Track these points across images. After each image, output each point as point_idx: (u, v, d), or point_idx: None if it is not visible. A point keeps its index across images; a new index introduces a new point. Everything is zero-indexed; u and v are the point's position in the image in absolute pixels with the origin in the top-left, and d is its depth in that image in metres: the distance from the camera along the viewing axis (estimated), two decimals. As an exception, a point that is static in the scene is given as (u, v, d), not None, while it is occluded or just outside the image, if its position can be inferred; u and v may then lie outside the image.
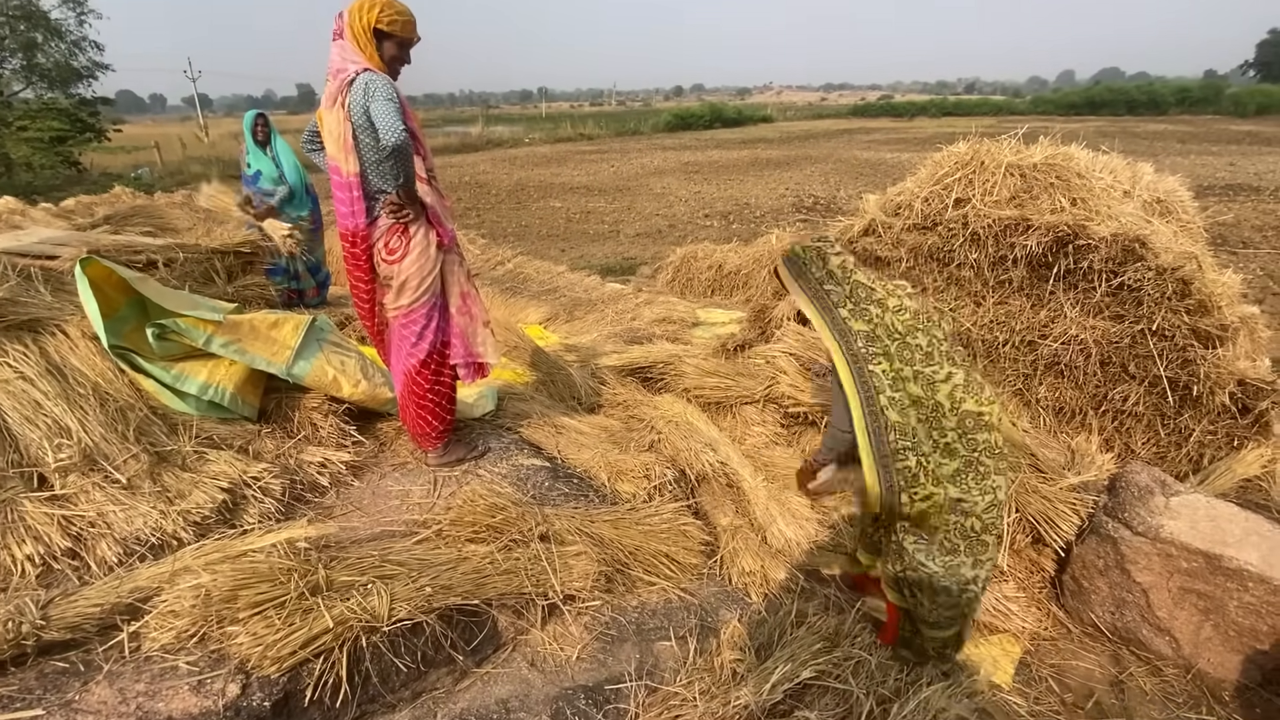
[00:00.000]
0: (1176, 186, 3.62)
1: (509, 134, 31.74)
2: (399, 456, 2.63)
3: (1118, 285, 2.94)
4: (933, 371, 1.78)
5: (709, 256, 6.75)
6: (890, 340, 1.80)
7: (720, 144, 26.71)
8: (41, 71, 20.69)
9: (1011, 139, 3.37)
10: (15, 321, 2.24)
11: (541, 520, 2.13)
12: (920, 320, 1.82)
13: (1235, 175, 13.92)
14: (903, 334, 1.80)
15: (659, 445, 2.77)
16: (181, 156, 22.13)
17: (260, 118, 4.56)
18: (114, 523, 1.89)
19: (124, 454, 2.06)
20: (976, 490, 1.80)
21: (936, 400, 1.77)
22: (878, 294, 1.84)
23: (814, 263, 1.91)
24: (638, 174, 18.01)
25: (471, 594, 1.84)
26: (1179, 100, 39.60)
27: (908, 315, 1.81)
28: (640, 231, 10.90)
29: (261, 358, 2.49)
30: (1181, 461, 2.97)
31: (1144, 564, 2.26)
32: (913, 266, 3.44)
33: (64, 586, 1.73)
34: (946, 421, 1.78)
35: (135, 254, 3.22)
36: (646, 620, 2.01)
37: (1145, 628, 2.32)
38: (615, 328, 4.99)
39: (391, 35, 2.11)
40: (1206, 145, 20.00)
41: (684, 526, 2.32)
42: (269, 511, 2.14)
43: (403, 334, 2.34)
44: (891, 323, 1.81)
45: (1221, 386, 2.80)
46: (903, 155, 19.12)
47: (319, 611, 1.61)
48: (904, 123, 40.09)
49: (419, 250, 2.22)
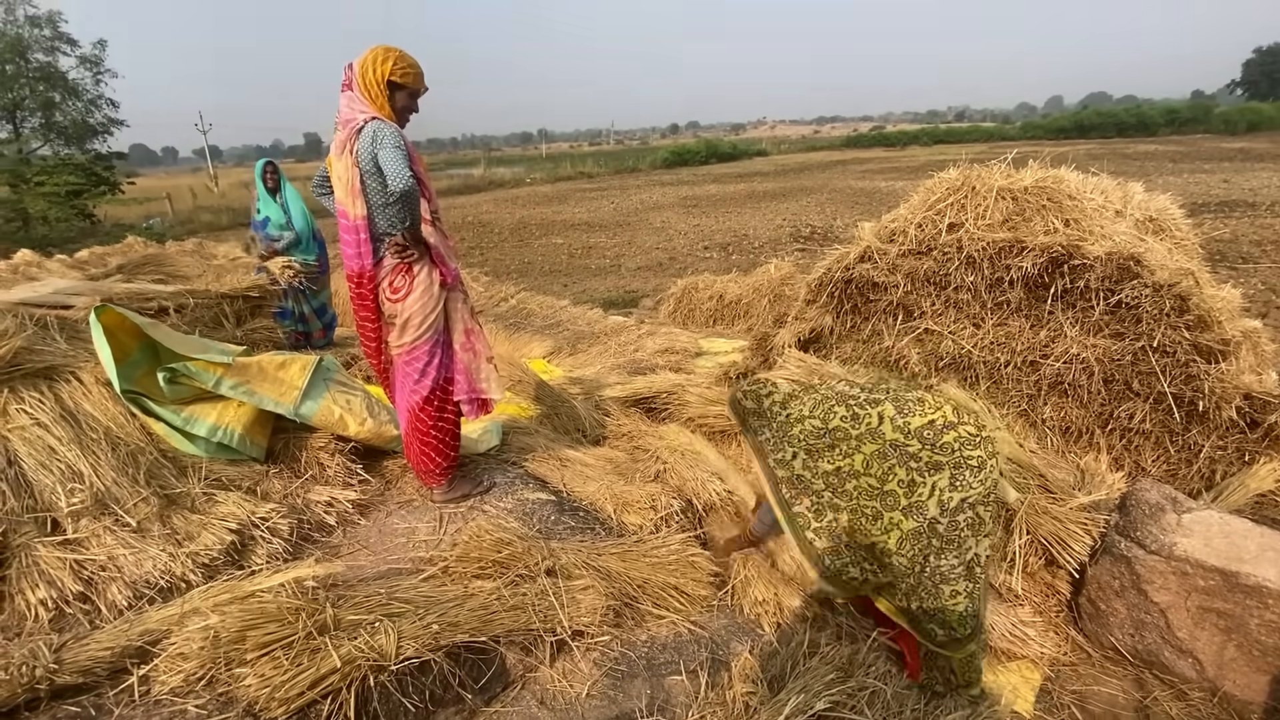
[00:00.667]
0: (1168, 204, 3.68)
1: (510, 175, 32.46)
2: (405, 494, 2.64)
3: (1115, 303, 2.96)
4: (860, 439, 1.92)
5: (709, 287, 6.82)
6: (813, 472, 2.01)
7: (717, 178, 27.19)
8: (59, 129, 21.39)
9: (1002, 164, 3.44)
10: (31, 369, 2.29)
11: (548, 554, 2.13)
12: (820, 411, 1.99)
13: (1230, 192, 14.05)
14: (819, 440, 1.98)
15: (665, 475, 2.77)
16: (192, 206, 22.69)
17: (269, 165, 4.71)
18: (124, 566, 1.90)
19: (134, 497, 2.08)
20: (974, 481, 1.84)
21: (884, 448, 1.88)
22: (793, 421, 2.04)
23: (750, 411, 2.15)
24: (637, 209, 18.31)
25: (479, 631, 1.83)
26: (1168, 121, 40.18)
27: (816, 420, 1.99)
28: (641, 265, 11.04)
29: (270, 398, 2.52)
30: (1193, 478, 2.94)
31: (1160, 583, 2.22)
32: (910, 291, 3.48)
33: (76, 630, 1.73)
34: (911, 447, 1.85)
35: (147, 301, 3.30)
36: (657, 654, 1.98)
37: (1167, 650, 2.27)
38: (618, 359, 5.02)
39: (404, 86, 2.21)
40: (1199, 163, 20.23)
41: (692, 558, 2.30)
42: (277, 551, 2.14)
43: (406, 371, 2.38)
44: (807, 441, 2.01)
45: (1227, 401, 2.79)
46: (896, 183, 19.40)
47: (327, 651, 1.60)
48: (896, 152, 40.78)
49: (422, 289, 2.27)
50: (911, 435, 1.84)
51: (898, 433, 1.86)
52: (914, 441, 1.84)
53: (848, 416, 1.92)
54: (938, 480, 1.84)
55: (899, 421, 1.86)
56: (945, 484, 1.83)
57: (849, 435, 1.92)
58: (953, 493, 1.83)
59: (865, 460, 1.91)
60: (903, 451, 1.86)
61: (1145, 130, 39.42)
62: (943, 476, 1.83)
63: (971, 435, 1.84)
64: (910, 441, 1.84)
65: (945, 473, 1.83)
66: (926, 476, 1.84)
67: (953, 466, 1.83)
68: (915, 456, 1.84)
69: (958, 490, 1.83)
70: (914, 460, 1.84)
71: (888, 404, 1.89)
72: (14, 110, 20.76)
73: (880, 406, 1.90)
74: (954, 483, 1.83)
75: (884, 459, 1.88)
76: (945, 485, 1.83)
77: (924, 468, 1.84)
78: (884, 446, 1.87)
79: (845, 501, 1.98)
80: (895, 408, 1.88)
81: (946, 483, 1.83)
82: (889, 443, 1.86)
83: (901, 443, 1.85)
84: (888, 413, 1.88)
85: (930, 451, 1.83)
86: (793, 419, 2.03)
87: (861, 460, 1.92)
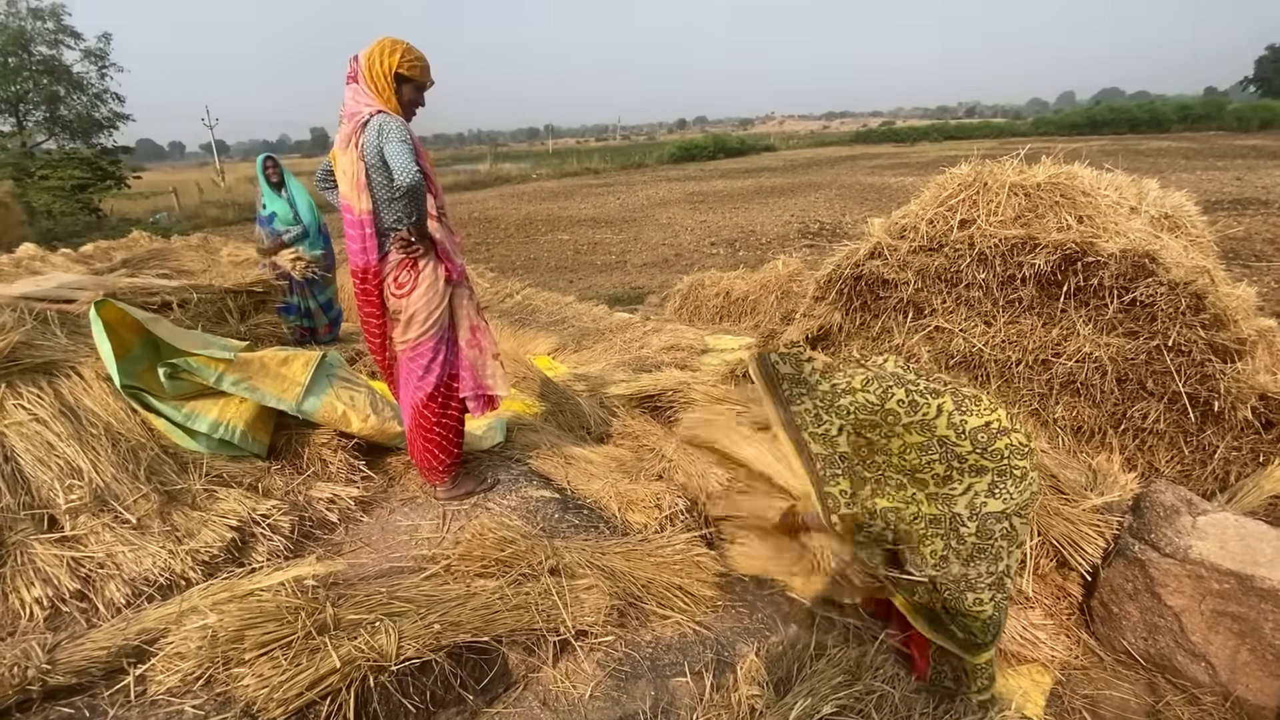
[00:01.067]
0: (1184, 201, 3.61)
1: (517, 170, 32.41)
2: (408, 491, 2.62)
3: (1130, 301, 2.91)
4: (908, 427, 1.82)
5: (716, 284, 6.77)
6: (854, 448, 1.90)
7: (724, 174, 27.08)
8: (64, 123, 21.46)
9: (1014, 160, 3.38)
10: (31, 365, 2.27)
11: (552, 553, 2.10)
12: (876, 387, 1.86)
13: (1243, 189, 13.89)
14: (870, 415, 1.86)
15: (669, 473, 2.74)
16: (198, 201, 22.73)
17: (269, 160, 4.67)
18: (123, 563, 1.88)
19: (134, 494, 2.06)
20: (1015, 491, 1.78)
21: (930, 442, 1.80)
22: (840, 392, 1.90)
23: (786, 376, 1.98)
24: (643, 205, 18.25)
25: (481, 631, 1.80)
26: (1181, 117, 39.80)
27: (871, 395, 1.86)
28: (647, 261, 11.00)
29: (272, 395, 2.50)
30: (1207, 479, 2.90)
31: (1174, 586, 2.18)
32: (921, 288, 3.43)
33: (71, 629, 1.71)
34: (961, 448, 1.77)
35: (150, 296, 3.28)
36: (661, 655, 1.96)
37: (1180, 654, 2.23)
38: (624, 356, 4.98)
39: (410, 79, 2.18)
40: (1212, 160, 20.01)
41: (697, 557, 2.27)
42: (277, 549, 2.12)
43: (410, 367, 2.35)
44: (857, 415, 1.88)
45: (1243, 401, 2.74)
46: (906, 179, 19.26)
47: (326, 651, 1.58)
48: (906, 148, 40.53)
49: (426, 285, 2.25)
50: (965, 435, 1.76)
51: (951, 429, 1.77)
52: (965, 442, 1.76)
53: (904, 401, 1.81)
54: (976, 483, 1.77)
55: (956, 419, 1.77)
56: (984, 489, 1.77)
57: (899, 420, 1.81)
58: (990, 500, 1.77)
59: (903, 446, 1.83)
60: (950, 449, 1.77)
61: (1158, 126, 39.08)
62: (982, 481, 1.77)
63: (1021, 445, 1.77)
64: (962, 442, 1.76)
65: (987, 478, 1.76)
66: (965, 477, 1.77)
67: (996, 473, 1.76)
68: (962, 457, 1.77)
69: (996, 499, 1.76)
70: (958, 460, 1.77)
71: (948, 397, 1.80)
72: (17, 104, 20.81)
73: (940, 399, 1.80)
74: (993, 490, 1.76)
75: (925, 451, 1.80)
76: (984, 490, 1.77)
77: (967, 469, 1.77)
78: (930, 440, 1.78)
79: (871, 473, 1.90)
80: (955, 403, 1.79)
81: (985, 488, 1.76)
82: (938, 438, 1.78)
83: (952, 441, 1.77)
84: (947, 406, 1.78)
85: (979, 455, 1.76)
86: (840, 390, 1.90)
87: (899, 445, 1.83)
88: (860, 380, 1.89)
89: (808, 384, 1.95)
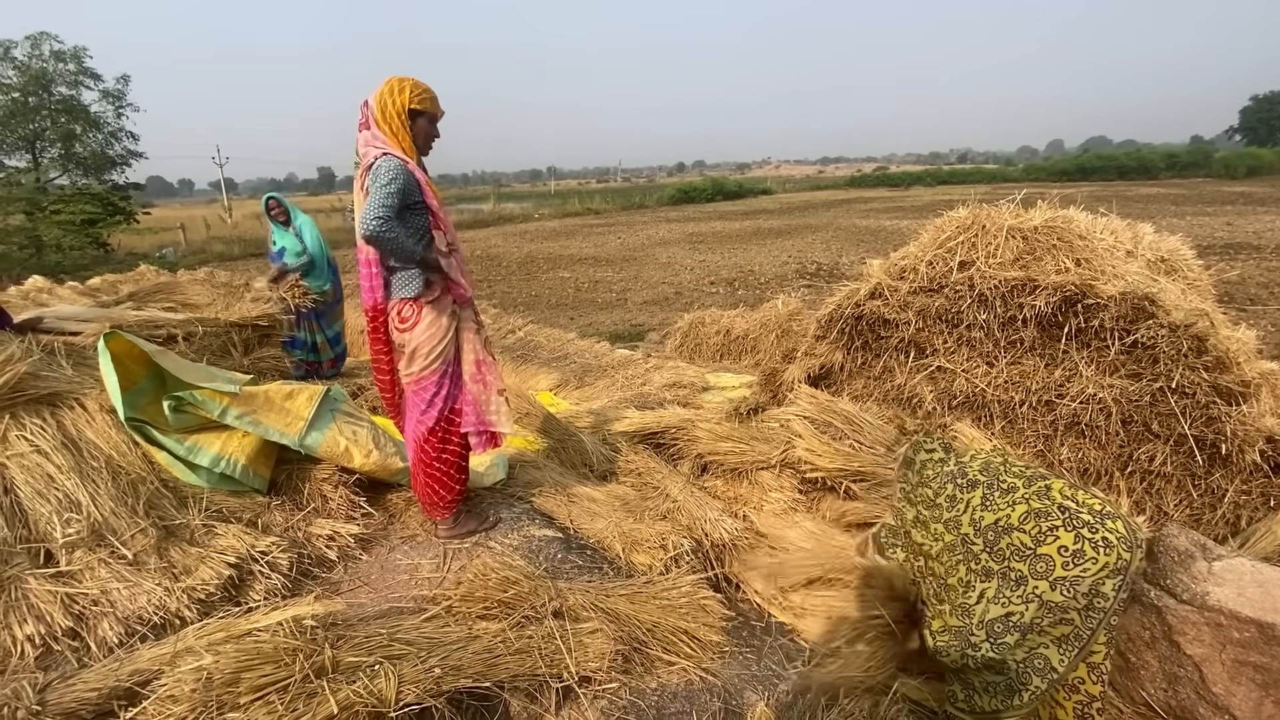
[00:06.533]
0: (1179, 245, 3.67)
1: (519, 210, 32.95)
2: (408, 529, 2.58)
3: (1131, 343, 2.93)
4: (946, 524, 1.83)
5: (716, 322, 6.82)
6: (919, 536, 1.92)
7: (722, 215, 27.55)
8: (78, 160, 21.90)
9: (1010, 204, 3.45)
10: (36, 395, 2.26)
11: (555, 595, 2.05)
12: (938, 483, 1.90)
13: (1234, 234, 14.14)
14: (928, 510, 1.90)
15: (674, 514, 2.70)
16: (205, 236, 23.03)
17: (271, 200, 4.78)
18: (117, 601, 1.83)
19: (133, 528, 2.02)
20: (1013, 597, 1.68)
21: (956, 541, 1.78)
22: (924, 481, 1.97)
23: (905, 459, 2.12)
24: (643, 245, 18.50)
25: (483, 675, 1.75)
26: (1169, 165, 40.79)
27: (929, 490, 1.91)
28: (647, 299, 11.09)
29: (275, 429, 2.49)
30: (1218, 524, 2.86)
31: (1193, 635, 2.13)
32: (922, 328, 3.45)
33: (62, 669, 1.66)
34: (975, 545, 1.74)
35: (156, 329, 3.30)
36: (667, 704, 1.89)
37: (1202, 705, 2.16)
38: (626, 393, 4.98)
39: (423, 112, 2.23)
40: (1201, 206, 20.42)
41: (703, 601, 2.22)
42: (275, 587, 2.08)
43: (414, 401, 2.35)
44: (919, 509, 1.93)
45: (1251, 444, 2.73)
46: (901, 222, 19.60)
47: (324, 695, 1.53)
48: (900, 192, 41.35)
49: (429, 320, 2.26)
50: (979, 532, 1.72)
51: (970, 527, 1.73)
52: (979, 540, 1.71)
53: (950, 496, 1.81)
54: (985, 590, 1.70)
55: (976, 515, 1.73)
56: (992, 593, 1.69)
57: (940, 516, 1.81)
58: (993, 606, 1.69)
59: (940, 550, 1.80)
60: (968, 549, 1.73)
61: (1146, 174, 40.00)
62: (990, 586, 1.69)
63: (1022, 547, 1.67)
64: (976, 540, 1.72)
65: (994, 582, 1.69)
66: (977, 582, 1.71)
67: (1000, 578, 1.68)
68: (976, 557, 1.71)
69: (997, 605, 1.68)
70: (974, 561, 1.71)
71: (979, 492, 1.75)
72: (34, 141, 21.29)
73: (973, 493, 1.75)
74: (998, 596, 1.68)
75: (952, 552, 1.74)
76: (991, 595, 1.69)
77: (976, 573, 1.71)
78: (957, 539, 1.75)
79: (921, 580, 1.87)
80: (983, 497, 1.74)
81: (993, 592, 1.69)
82: (961, 536, 1.74)
83: (970, 538, 1.73)
84: (974, 502, 1.74)
85: (987, 555, 1.70)
86: (926, 479, 1.95)
87: (938, 548, 1.81)
88: (934, 473, 1.91)
89: (913, 465, 2.04)
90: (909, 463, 2.06)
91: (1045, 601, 1.64)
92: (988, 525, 1.69)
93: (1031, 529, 1.67)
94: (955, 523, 1.74)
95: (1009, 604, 1.66)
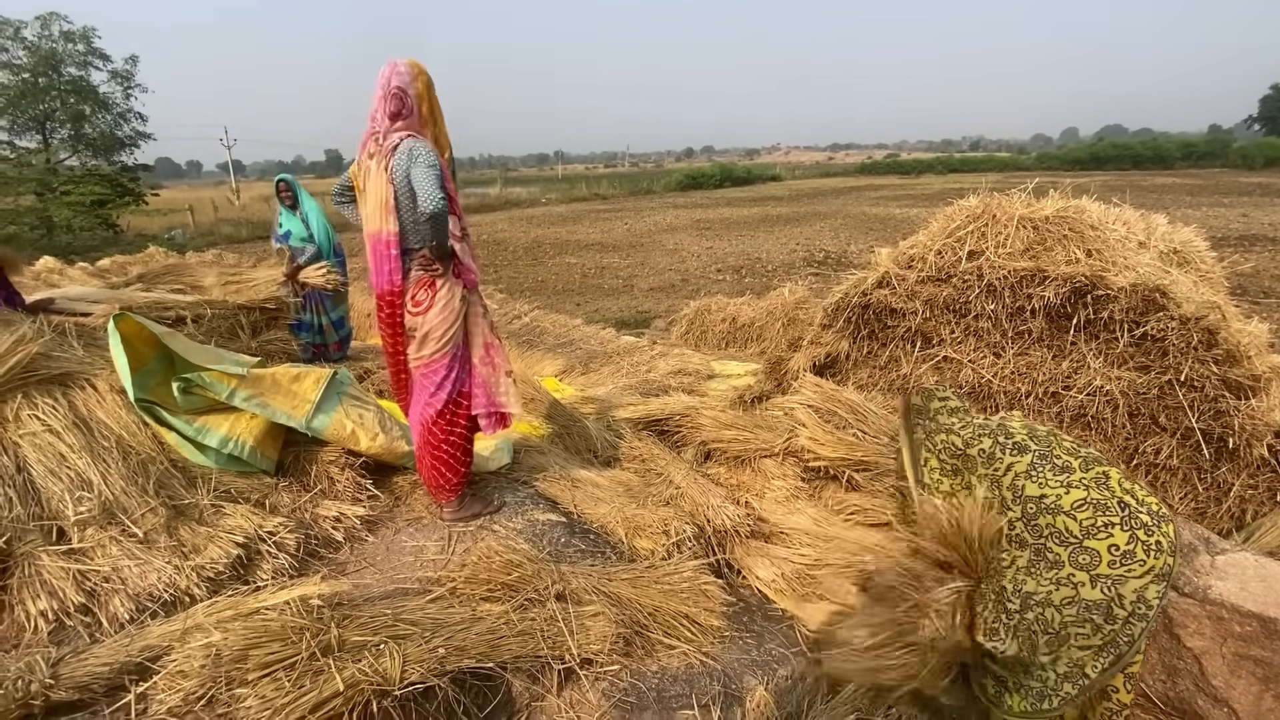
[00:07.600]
0: (1192, 237, 3.63)
1: (526, 194, 32.79)
2: (414, 511, 2.60)
3: (1140, 335, 2.90)
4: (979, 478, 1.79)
5: (723, 309, 6.79)
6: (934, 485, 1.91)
7: (730, 202, 27.35)
8: (88, 141, 21.95)
9: (1021, 193, 3.41)
10: (47, 376, 2.29)
11: (558, 578, 2.07)
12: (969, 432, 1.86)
13: (1249, 226, 13.93)
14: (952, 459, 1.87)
15: (677, 500, 2.72)
16: (214, 218, 23.08)
17: (281, 183, 4.77)
18: (128, 578, 1.87)
19: (143, 507, 2.05)
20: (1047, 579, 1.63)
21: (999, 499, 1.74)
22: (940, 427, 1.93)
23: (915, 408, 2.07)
24: (651, 231, 18.42)
25: (486, 656, 1.77)
26: (1185, 155, 40.08)
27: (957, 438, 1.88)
28: (654, 286, 11.06)
29: (282, 411, 2.51)
30: (1223, 518, 2.85)
31: (1194, 628, 2.13)
32: (929, 318, 3.44)
33: (75, 644, 1.69)
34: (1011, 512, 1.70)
35: (165, 310, 3.32)
36: (667, 687, 1.92)
37: (1200, 698, 2.17)
38: (631, 380, 4.99)
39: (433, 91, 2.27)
40: (1217, 197, 20.11)
41: (704, 586, 2.24)
42: (282, 567, 2.11)
43: (423, 384, 2.37)
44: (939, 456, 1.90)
45: (1259, 439, 2.71)
46: (911, 210, 19.41)
47: (330, 673, 1.56)
48: (910, 179, 40.91)
49: (443, 303, 2.27)
50: (1018, 500, 1.66)
51: (1009, 490, 1.69)
52: (1016, 508, 1.67)
53: (985, 451, 1.76)
54: (1018, 557, 1.66)
55: (1018, 481, 1.68)
56: (1024, 564, 1.64)
57: (974, 469, 1.77)
58: (1025, 577, 1.64)
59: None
60: (1004, 509, 1.69)
61: (1161, 163, 39.33)
62: (1023, 555, 1.65)
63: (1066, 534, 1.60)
64: (1014, 506, 1.67)
65: (1026, 553, 1.65)
66: (1010, 548, 1.67)
67: (1034, 551, 1.64)
68: (1011, 523, 1.67)
69: (1032, 579, 1.63)
70: (1009, 526, 1.67)
71: (1029, 458, 1.69)
72: (44, 121, 21.34)
73: (1018, 457, 1.70)
74: (1031, 568, 1.64)
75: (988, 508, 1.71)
76: (1024, 565, 1.65)
77: (1011, 539, 1.67)
78: (995, 497, 1.71)
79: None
80: (1030, 466, 1.68)
81: (1025, 563, 1.64)
82: (1000, 498, 1.70)
83: (1008, 503, 1.68)
84: (1018, 467, 1.69)
85: (1023, 525, 1.65)
86: (942, 425, 1.90)
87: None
88: (961, 423, 1.88)
89: (926, 413, 2.03)
90: (920, 410, 2.03)
91: (1080, 594, 1.58)
92: (1029, 496, 1.64)
93: (1084, 519, 1.60)
94: (991, 480, 1.72)
95: (1040, 581, 1.61)
